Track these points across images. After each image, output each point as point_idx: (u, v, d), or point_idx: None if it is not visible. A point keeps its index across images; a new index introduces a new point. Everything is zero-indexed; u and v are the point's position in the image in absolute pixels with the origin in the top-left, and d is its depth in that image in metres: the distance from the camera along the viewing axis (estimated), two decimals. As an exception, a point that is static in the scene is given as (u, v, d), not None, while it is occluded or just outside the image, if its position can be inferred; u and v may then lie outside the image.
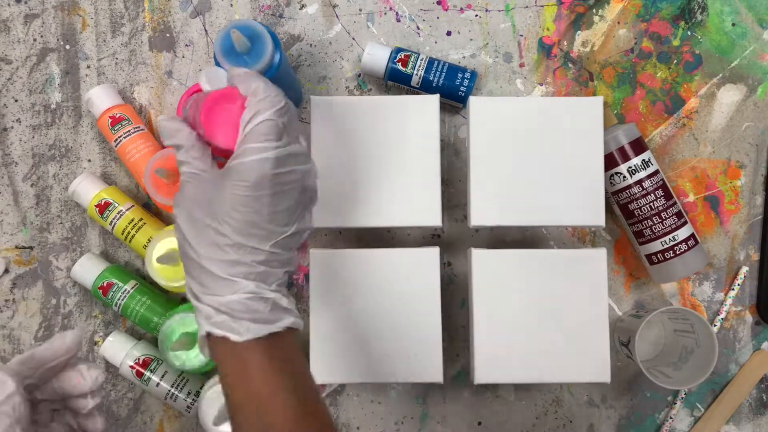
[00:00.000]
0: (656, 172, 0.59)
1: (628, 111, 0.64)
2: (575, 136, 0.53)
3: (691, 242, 0.59)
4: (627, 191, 0.58)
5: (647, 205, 0.58)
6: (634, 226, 0.59)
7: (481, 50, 0.64)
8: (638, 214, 0.58)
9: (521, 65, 0.64)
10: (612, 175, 0.59)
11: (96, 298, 0.62)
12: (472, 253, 0.53)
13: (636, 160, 0.58)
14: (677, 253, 0.58)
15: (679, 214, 0.59)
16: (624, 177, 0.58)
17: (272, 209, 0.40)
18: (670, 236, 0.58)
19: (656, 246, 0.58)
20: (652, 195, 0.58)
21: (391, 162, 0.53)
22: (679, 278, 0.60)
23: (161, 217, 0.64)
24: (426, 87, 0.61)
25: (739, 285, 0.62)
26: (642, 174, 0.58)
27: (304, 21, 0.65)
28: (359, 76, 0.65)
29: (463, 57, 0.64)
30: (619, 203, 0.60)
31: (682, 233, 0.58)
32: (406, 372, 0.53)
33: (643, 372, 0.55)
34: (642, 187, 0.58)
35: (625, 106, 0.64)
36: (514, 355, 0.52)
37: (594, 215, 0.53)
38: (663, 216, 0.58)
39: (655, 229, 0.58)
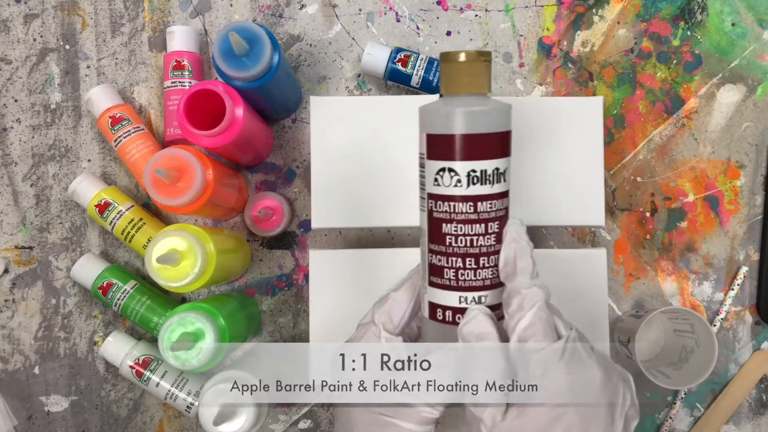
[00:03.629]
0: (505, 195, 0.37)
1: (627, 111, 0.64)
2: (575, 136, 0.53)
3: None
4: (450, 203, 0.36)
5: (467, 237, 0.36)
6: (434, 255, 0.37)
7: (480, 50, 0.64)
8: (449, 242, 0.36)
9: (521, 65, 0.64)
10: (441, 170, 0.36)
11: (96, 298, 0.62)
12: (472, 253, 0.53)
13: (487, 164, 0.35)
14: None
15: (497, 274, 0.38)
16: (458, 181, 0.35)
17: None
18: (474, 296, 0.37)
19: (450, 298, 0.37)
20: (482, 226, 0.36)
21: (391, 162, 0.53)
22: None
23: (161, 217, 0.64)
24: (426, 87, 0.61)
25: (738, 285, 0.62)
26: (484, 189, 0.36)
27: (303, 21, 0.65)
28: (359, 76, 0.65)
29: (463, 57, 0.64)
30: (431, 211, 0.37)
31: (490, 298, 0.37)
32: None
33: (643, 372, 0.55)
34: (475, 207, 0.36)
35: (625, 106, 0.64)
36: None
37: (594, 215, 0.53)
38: (481, 262, 0.36)
39: (461, 274, 0.36)
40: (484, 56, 0.36)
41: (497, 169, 0.36)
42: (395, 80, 0.62)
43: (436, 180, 0.36)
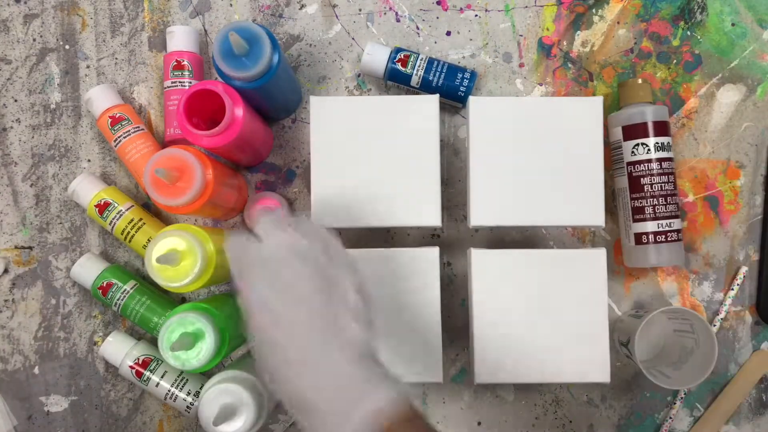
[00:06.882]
0: (672, 159, 0.60)
1: (627, 111, 0.64)
2: (575, 136, 0.53)
3: (680, 235, 0.59)
4: (646, 164, 0.59)
5: (659, 185, 0.59)
6: (637, 201, 0.60)
7: (480, 50, 0.64)
8: (647, 190, 0.59)
9: (521, 65, 0.64)
10: (637, 144, 0.59)
11: (96, 299, 0.62)
12: (472, 253, 0.53)
13: (663, 139, 0.59)
14: (668, 239, 0.59)
15: (678, 206, 0.60)
16: (648, 150, 0.59)
17: None
18: (667, 222, 0.59)
19: (651, 226, 0.59)
20: (666, 177, 0.59)
21: (391, 162, 0.53)
22: (654, 265, 0.59)
23: (161, 217, 0.64)
24: (426, 87, 0.61)
25: (738, 285, 0.62)
26: (664, 154, 0.59)
27: (303, 21, 0.65)
28: (359, 76, 0.65)
29: (463, 57, 0.64)
30: (631, 174, 0.60)
31: (676, 224, 0.59)
32: (406, 372, 0.53)
33: (642, 372, 0.55)
34: (661, 165, 0.59)
35: (625, 106, 0.64)
36: (514, 355, 0.52)
37: (594, 215, 0.53)
38: (669, 200, 0.59)
39: (657, 209, 0.59)
40: (646, 81, 0.60)
41: (668, 141, 0.59)
42: (395, 80, 0.62)
43: (633, 152, 0.59)
